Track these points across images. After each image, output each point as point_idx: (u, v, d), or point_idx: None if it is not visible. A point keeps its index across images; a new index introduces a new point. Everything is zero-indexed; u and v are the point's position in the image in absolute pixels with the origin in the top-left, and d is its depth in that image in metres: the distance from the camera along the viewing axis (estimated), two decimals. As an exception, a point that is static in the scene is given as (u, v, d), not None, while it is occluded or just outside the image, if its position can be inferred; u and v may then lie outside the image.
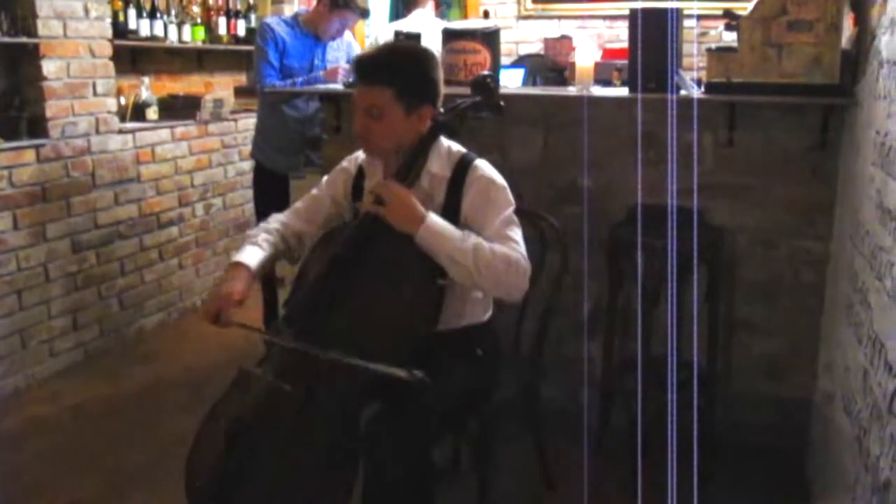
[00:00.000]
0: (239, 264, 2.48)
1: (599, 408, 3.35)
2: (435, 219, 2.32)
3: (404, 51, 2.66)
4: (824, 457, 2.89)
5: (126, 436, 3.63)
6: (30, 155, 4.08)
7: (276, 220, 2.68)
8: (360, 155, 2.64)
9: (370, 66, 2.42)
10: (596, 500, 2.91)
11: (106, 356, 4.56)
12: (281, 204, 4.30)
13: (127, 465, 3.35)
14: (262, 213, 4.59)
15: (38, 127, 4.14)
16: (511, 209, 2.43)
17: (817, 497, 2.95)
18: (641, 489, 2.70)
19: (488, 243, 2.31)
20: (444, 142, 2.51)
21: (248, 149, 5.08)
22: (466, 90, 2.59)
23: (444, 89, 2.51)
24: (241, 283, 2.44)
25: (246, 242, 2.59)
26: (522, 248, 2.37)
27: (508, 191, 2.46)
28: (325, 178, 2.74)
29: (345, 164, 2.70)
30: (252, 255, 2.51)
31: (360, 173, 2.62)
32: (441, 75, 2.49)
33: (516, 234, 2.39)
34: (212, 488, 2.25)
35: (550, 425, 3.07)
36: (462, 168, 2.46)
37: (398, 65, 2.43)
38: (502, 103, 2.56)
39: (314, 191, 2.73)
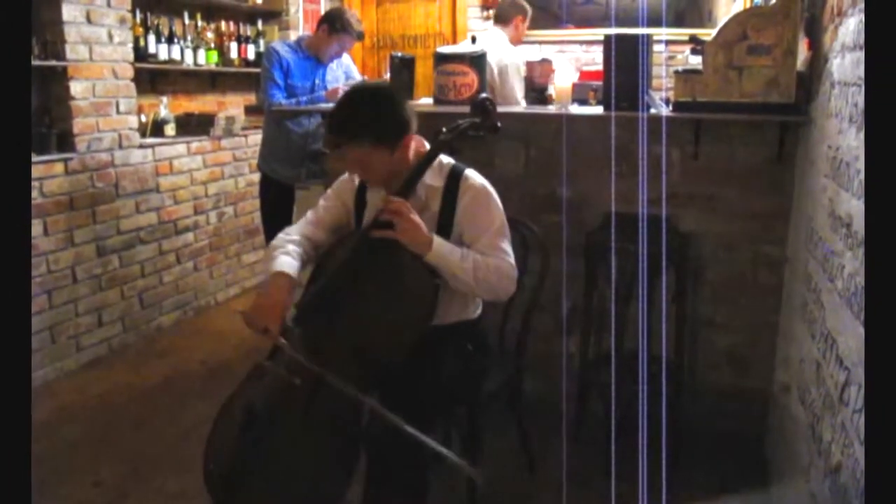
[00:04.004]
0: (282, 273, 2.38)
1: (577, 398, 3.34)
2: (440, 242, 2.32)
3: (366, 101, 2.40)
4: (781, 442, 2.89)
5: (147, 423, 3.61)
6: (59, 167, 4.07)
7: (296, 233, 2.57)
8: None
9: (341, 126, 2.34)
10: (574, 482, 2.91)
11: (128, 350, 4.55)
12: (285, 211, 4.31)
13: (148, 450, 3.33)
14: (267, 219, 4.60)
15: (66, 142, 4.14)
16: (502, 219, 2.44)
17: (774, 479, 2.95)
18: (615, 471, 2.69)
19: (483, 258, 2.34)
20: None
21: (256, 162, 5.07)
22: (457, 108, 2.58)
23: (440, 108, 2.49)
24: (285, 292, 2.35)
25: (278, 253, 2.46)
26: (511, 257, 2.41)
27: (497, 199, 2.46)
28: (331, 190, 2.67)
29: (347, 175, 2.66)
30: (290, 265, 2.42)
31: (363, 184, 2.58)
32: (406, 105, 2.42)
33: (506, 244, 2.42)
34: (225, 472, 2.24)
35: (533, 414, 3.06)
36: (454, 178, 2.45)
37: (365, 117, 2.33)
38: (499, 124, 2.52)
39: (322, 202, 2.65)
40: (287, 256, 2.45)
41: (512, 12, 4.99)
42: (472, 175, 2.47)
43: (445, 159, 2.50)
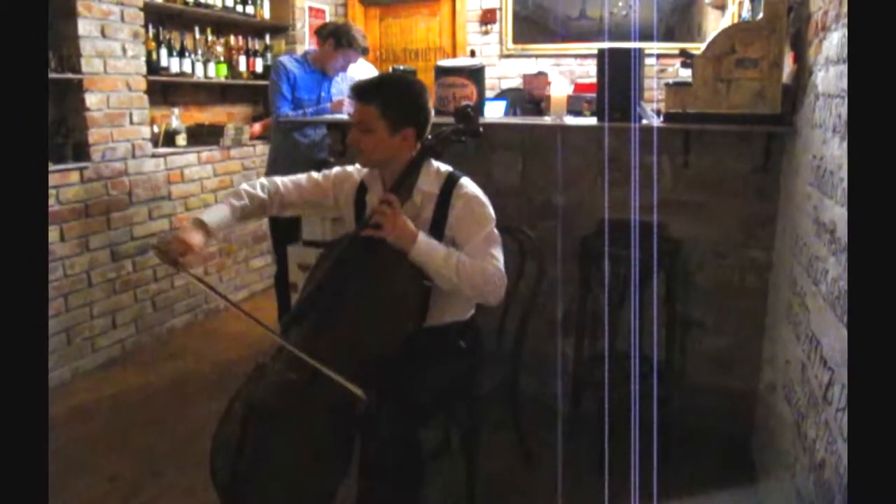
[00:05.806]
0: (202, 222, 2.43)
1: (571, 397, 3.34)
2: (424, 239, 2.32)
3: (393, 78, 2.73)
4: (767, 440, 2.88)
5: (159, 421, 3.61)
6: (74, 176, 4.07)
7: (273, 189, 2.61)
8: (362, 169, 2.63)
9: (362, 88, 2.43)
10: (569, 477, 2.92)
11: (141, 352, 4.54)
12: (291, 218, 4.31)
13: (159, 447, 3.33)
14: (274, 225, 4.60)
15: (81, 151, 4.14)
16: (492, 226, 2.42)
17: (761, 475, 2.95)
18: (608, 467, 2.69)
19: (469, 259, 2.32)
20: (433, 163, 2.50)
21: (265, 171, 5.07)
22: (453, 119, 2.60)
23: (434, 118, 2.51)
24: (199, 236, 2.40)
25: (225, 202, 2.53)
26: (500, 262, 2.37)
27: (490, 207, 2.45)
28: (333, 171, 2.68)
29: (353, 171, 2.65)
30: (217, 217, 2.48)
31: (363, 184, 2.60)
32: (429, 104, 2.48)
33: (495, 249, 2.38)
34: (229, 467, 2.24)
35: (529, 412, 3.06)
36: (449, 185, 2.45)
37: (385, 88, 2.44)
38: (481, 129, 2.55)
39: (321, 178, 2.66)
40: (225, 209, 2.51)
41: None
42: (467, 183, 2.47)
43: (443, 167, 2.51)
